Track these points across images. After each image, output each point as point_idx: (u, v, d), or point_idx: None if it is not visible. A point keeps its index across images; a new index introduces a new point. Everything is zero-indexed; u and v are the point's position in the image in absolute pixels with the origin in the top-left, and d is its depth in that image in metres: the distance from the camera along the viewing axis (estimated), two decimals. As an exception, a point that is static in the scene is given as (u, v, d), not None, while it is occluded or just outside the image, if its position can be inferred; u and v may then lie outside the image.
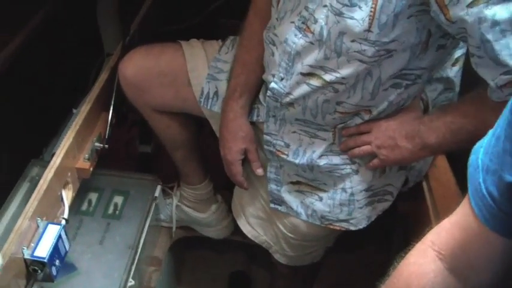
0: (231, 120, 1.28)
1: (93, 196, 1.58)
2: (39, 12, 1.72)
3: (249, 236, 1.50)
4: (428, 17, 0.95)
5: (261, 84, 1.29)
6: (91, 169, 1.37)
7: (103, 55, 1.92)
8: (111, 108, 1.43)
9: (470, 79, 1.05)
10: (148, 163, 1.87)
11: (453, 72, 1.22)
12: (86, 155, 1.36)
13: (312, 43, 1.06)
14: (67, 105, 1.80)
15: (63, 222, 1.24)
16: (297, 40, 1.08)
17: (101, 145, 1.40)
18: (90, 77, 1.92)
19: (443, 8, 0.89)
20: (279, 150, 1.25)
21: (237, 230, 1.67)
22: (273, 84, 1.16)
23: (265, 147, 1.27)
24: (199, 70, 1.37)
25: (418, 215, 1.38)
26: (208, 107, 1.36)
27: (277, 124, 1.23)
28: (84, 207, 1.55)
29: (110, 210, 1.55)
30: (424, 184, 1.34)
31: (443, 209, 1.26)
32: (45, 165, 1.57)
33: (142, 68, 1.40)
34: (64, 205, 1.29)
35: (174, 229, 1.77)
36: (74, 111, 1.57)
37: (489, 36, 0.86)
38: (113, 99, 1.43)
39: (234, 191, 1.52)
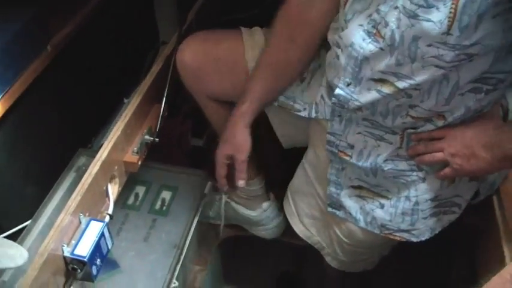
0: (229, 123, 1.26)
1: (141, 190, 1.52)
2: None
3: (302, 236, 1.42)
4: None
5: (278, 91, 1.24)
6: (139, 163, 1.31)
7: (158, 43, 1.87)
8: (164, 99, 1.36)
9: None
10: (200, 157, 1.80)
11: None
12: (135, 148, 1.30)
13: (382, 49, 0.97)
14: (119, 94, 1.77)
15: (107, 218, 1.19)
16: (365, 45, 0.99)
17: (151, 138, 1.33)
18: (144, 66, 1.89)
19: None
20: (342, 151, 1.17)
21: (286, 229, 1.60)
22: (338, 91, 1.07)
23: (328, 147, 1.18)
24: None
25: (486, 232, 1.27)
26: None
27: (342, 124, 1.14)
28: (131, 201, 1.50)
29: (157, 206, 1.49)
30: (495, 198, 1.24)
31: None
32: (93, 155, 1.54)
33: (199, 53, 1.33)
34: (109, 200, 1.23)
35: (222, 227, 1.70)
36: (125, 101, 1.52)
37: None
38: (166, 90, 1.37)
39: (289, 188, 1.44)
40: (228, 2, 1.87)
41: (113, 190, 1.26)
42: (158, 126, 1.35)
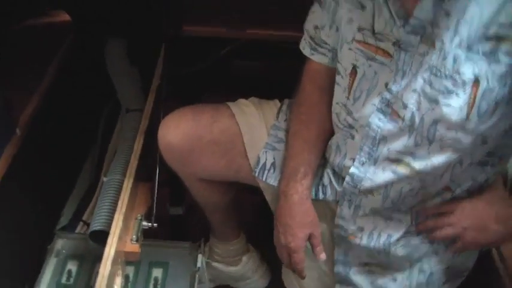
0: (295, 204, 1.16)
1: (130, 270, 1.45)
2: (49, 67, 1.63)
3: None
4: None
5: (320, 161, 1.21)
6: (140, 251, 1.26)
7: (112, 106, 1.83)
8: (156, 180, 1.32)
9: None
10: (179, 227, 1.76)
11: None
12: (134, 236, 1.26)
13: (401, 129, 0.99)
14: (77, 164, 1.72)
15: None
16: (382, 124, 1.01)
17: (149, 224, 1.29)
18: (98, 134, 1.84)
19: None
20: (351, 235, 1.17)
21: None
22: (353, 169, 1.08)
23: (336, 230, 1.19)
24: (256, 138, 1.27)
25: (489, 283, 1.32)
26: (264, 179, 1.25)
27: (351, 208, 1.14)
28: (121, 284, 1.43)
29: (150, 286, 1.44)
30: (494, 251, 1.29)
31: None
32: (69, 237, 1.49)
33: (191, 137, 1.26)
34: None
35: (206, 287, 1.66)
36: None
37: None
38: (157, 169, 1.33)
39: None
40: (188, 56, 1.85)
41: (118, 284, 1.21)
42: (154, 209, 1.31)
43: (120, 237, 1.22)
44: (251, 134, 1.26)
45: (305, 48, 1.21)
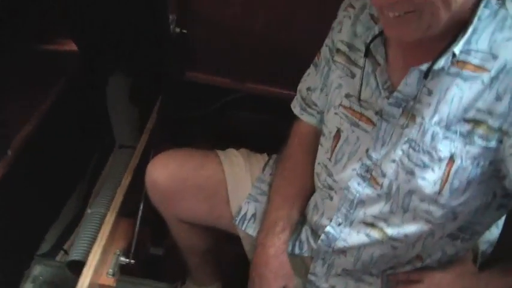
0: (271, 256, 1.19)
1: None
2: (50, 92, 1.67)
3: None
4: (496, 180, 0.93)
5: (300, 218, 1.24)
6: (115, 285, 1.28)
7: (107, 142, 1.86)
8: (139, 218, 1.35)
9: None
10: (159, 267, 1.77)
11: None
12: (110, 270, 1.28)
13: (379, 195, 1.03)
14: (64, 195, 1.74)
15: None
16: (361, 189, 1.05)
17: (127, 260, 1.31)
18: (89, 168, 1.87)
19: None
20: None
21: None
22: (329, 228, 1.12)
23: (308, 286, 1.21)
24: (240, 188, 1.31)
25: None
26: (243, 228, 1.28)
27: (324, 267, 1.17)
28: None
29: (124, 323, 1.45)
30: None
31: None
32: (47, 263, 1.51)
33: (176, 178, 1.31)
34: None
35: None
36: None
37: None
38: (141, 207, 1.36)
39: None
40: (187, 100, 1.89)
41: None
42: (133, 246, 1.33)
43: (96, 270, 1.24)
44: (236, 183, 1.30)
45: (296, 107, 1.27)
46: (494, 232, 1.18)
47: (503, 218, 1.17)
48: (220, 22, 1.61)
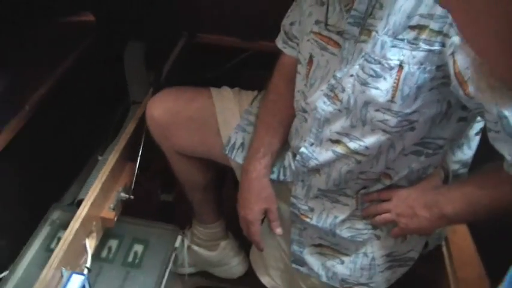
0: (253, 179, 1.30)
1: (113, 243, 1.59)
2: (69, 57, 1.79)
3: (268, 286, 1.50)
4: (448, 89, 0.97)
5: (283, 145, 1.32)
6: (115, 219, 1.39)
7: (128, 103, 1.97)
8: (138, 159, 1.46)
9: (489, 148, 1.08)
10: (169, 212, 1.88)
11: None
12: (111, 205, 1.39)
13: (339, 111, 1.09)
14: (88, 150, 1.85)
15: (86, 271, 1.26)
16: (325, 107, 1.11)
17: (127, 195, 1.42)
18: (112, 123, 1.98)
19: (463, 84, 0.92)
20: (303, 214, 1.27)
21: (253, 282, 1.68)
22: (302, 149, 1.19)
23: (291, 209, 1.29)
24: (229, 119, 1.41)
25: (437, 280, 1.38)
26: (233, 157, 1.39)
27: (304, 189, 1.24)
28: (104, 254, 1.56)
29: (130, 259, 1.56)
30: (444, 249, 1.35)
31: (463, 277, 1.27)
32: (65, 209, 1.63)
33: (171, 111, 1.44)
34: (87, 254, 1.31)
35: (186, 270, 1.77)
36: (100, 158, 1.60)
37: (506, 113, 0.88)
38: (141, 150, 1.46)
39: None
40: (196, 62, 1.98)
41: (91, 244, 1.33)
42: (133, 184, 1.44)
43: (98, 204, 1.36)
44: (225, 115, 1.41)
45: (279, 41, 1.35)
46: (467, 153, 1.22)
47: (477, 139, 1.22)
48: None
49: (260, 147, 1.30)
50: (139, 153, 1.46)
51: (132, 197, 1.43)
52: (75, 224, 1.24)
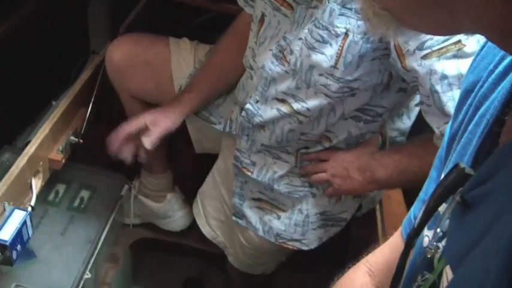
0: (165, 104, 1.40)
1: (61, 187, 1.61)
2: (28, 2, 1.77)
3: (208, 236, 1.55)
4: (390, 60, 1.02)
5: (216, 94, 1.41)
6: (63, 161, 1.41)
7: (88, 52, 1.97)
8: (91, 104, 1.47)
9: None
10: (120, 162, 1.89)
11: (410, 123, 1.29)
12: (60, 147, 1.41)
13: (287, 72, 1.13)
14: (46, 96, 1.85)
15: (30, 209, 1.28)
16: (273, 67, 1.15)
17: (76, 139, 1.44)
18: (72, 72, 1.98)
19: (401, 57, 0.97)
20: (245, 167, 1.31)
21: (195, 236, 1.73)
22: (248, 106, 1.22)
23: (234, 162, 1.33)
24: (183, 69, 1.46)
25: (370, 242, 1.44)
26: None
27: (248, 143, 1.29)
28: (51, 197, 1.59)
29: (76, 203, 1.58)
30: (378, 214, 1.41)
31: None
32: (16, 151, 1.63)
33: (129, 54, 1.48)
34: (32, 193, 1.32)
35: (132, 221, 1.80)
36: (54, 103, 1.62)
37: (438, 88, 0.93)
38: (94, 95, 1.48)
39: (199, 192, 1.57)
40: (157, 19, 1.99)
41: (37, 184, 1.35)
42: (83, 128, 1.46)
43: (47, 146, 1.37)
44: (179, 63, 1.45)
45: (240, 1, 1.37)
46: (406, 122, 1.28)
47: (417, 110, 1.27)
48: None
49: (192, 85, 1.39)
50: (93, 98, 1.48)
51: (81, 141, 1.45)
52: (21, 162, 1.26)
